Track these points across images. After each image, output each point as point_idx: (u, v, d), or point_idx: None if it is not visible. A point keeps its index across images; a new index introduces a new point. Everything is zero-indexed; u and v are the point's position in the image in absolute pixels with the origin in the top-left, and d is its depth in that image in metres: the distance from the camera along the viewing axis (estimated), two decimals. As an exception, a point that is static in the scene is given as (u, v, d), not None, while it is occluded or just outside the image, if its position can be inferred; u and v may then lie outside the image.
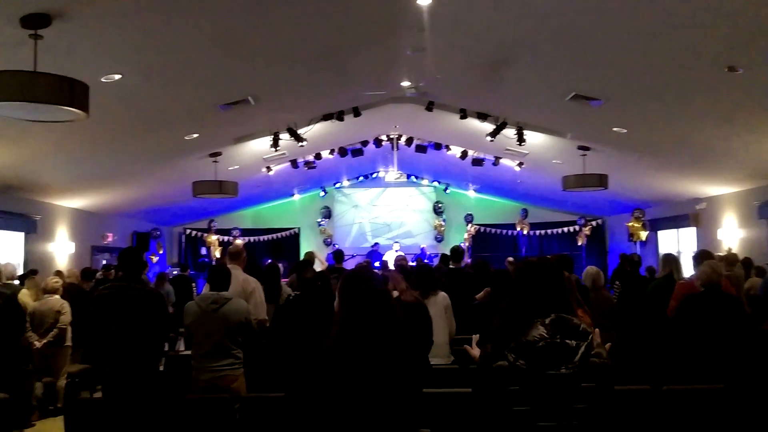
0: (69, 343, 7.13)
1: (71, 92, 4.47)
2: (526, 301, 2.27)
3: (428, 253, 16.74)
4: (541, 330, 2.17)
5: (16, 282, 7.77)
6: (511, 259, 12.72)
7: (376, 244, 17.32)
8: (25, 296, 7.35)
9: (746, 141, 8.37)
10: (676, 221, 13.51)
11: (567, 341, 2.16)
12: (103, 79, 5.99)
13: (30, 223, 10.12)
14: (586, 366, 2.13)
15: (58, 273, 8.13)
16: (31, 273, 8.05)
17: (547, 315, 2.21)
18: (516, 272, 2.46)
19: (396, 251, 15.45)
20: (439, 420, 3.56)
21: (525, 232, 17.27)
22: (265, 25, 5.88)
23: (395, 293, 4.57)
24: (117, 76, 6.07)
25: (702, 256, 5.75)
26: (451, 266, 7.96)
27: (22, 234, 10.09)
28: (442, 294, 5.38)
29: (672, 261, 6.44)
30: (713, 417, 3.33)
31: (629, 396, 3.50)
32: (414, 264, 9.54)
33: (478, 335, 2.67)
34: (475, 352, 2.55)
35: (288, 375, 3.72)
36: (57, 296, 7.12)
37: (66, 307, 7.07)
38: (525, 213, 17.23)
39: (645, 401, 3.48)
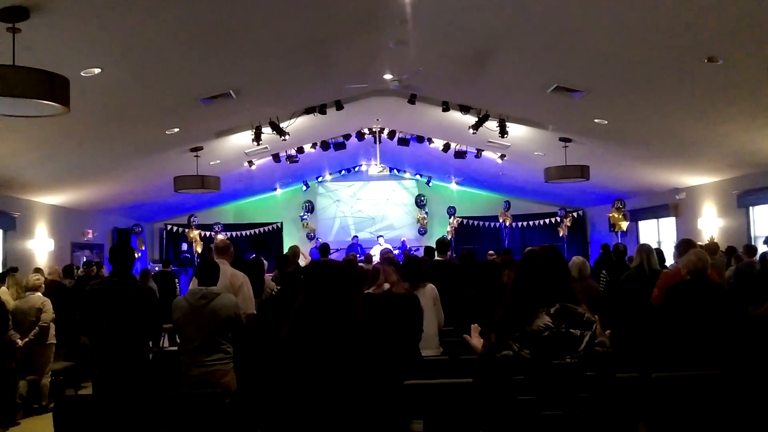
0: (52, 340, 7.04)
1: (51, 86, 4.41)
2: (531, 290, 2.27)
3: (409, 246, 16.76)
4: (546, 319, 2.17)
5: (-4, 281, 7.64)
6: (491, 252, 12.79)
7: (356, 237, 17.31)
8: (4, 294, 7.23)
9: (725, 131, 8.49)
10: (656, 211, 13.68)
11: (572, 330, 2.16)
12: (82, 73, 5.89)
13: (9, 220, 9.96)
14: (591, 355, 2.14)
15: (38, 270, 8.01)
16: (11, 270, 7.91)
17: (551, 304, 2.21)
18: (520, 262, 2.45)
19: (381, 245, 15.45)
20: (431, 411, 3.58)
21: (507, 223, 17.36)
22: (246, 18, 5.82)
23: (386, 285, 4.59)
24: (97, 70, 5.98)
25: (684, 245, 5.80)
26: (437, 258, 7.97)
27: (1, 231, 9.93)
28: (430, 286, 5.40)
29: (644, 251, 6.43)
30: (703, 403, 3.38)
31: (619, 384, 3.53)
32: (400, 256, 9.55)
33: (477, 325, 2.67)
34: (476, 342, 2.54)
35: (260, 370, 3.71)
36: (39, 294, 7.02)
37: (48, 304, 6.97)
38: (507, 205, 17.32)
39: (635, 389, 3.52)
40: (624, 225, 14.71)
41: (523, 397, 2.10)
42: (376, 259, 11.03)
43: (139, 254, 15.56)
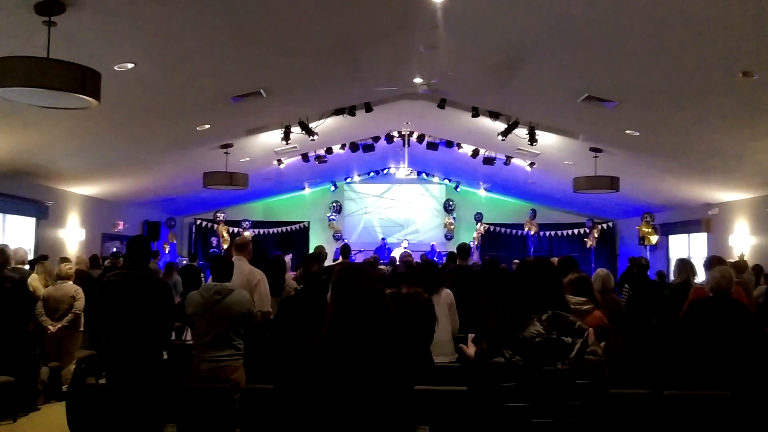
0: (82, 328, 7.21)
1: (83, 80, 4.48)
2: (524, 298, 2.28)
3: (438, 250, 16.73)
4: (537, 326, 2.18)
5: (26, 267, 7.83)
6: (517, 261, 12.70)
7: (384, 239, 17.32)
8: (34, 281, 7.41)
9: (760, 147, 8.29)
10: (687, 226, 13.42)
11: (563, 338, 2.17)
12: (116, 68, 6.01)
13: (42, 209, 10.19)
14: (582, 363, 2.14)
15: (65, 259, 8.18)
16: (41, 258, 8.10)
17: (543, 311, 2.22)
18: (514, 271, 2.46)
19: (404, 248, 15.43)
20: (440, 417, 3.56)
21: (533, 232, 17.19)
22: (278, 18, 5.88)
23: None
24: (130, 65, 6.09)
25: (713, 262, 5.70)
26: (458, 263, 7.94)
27: (34, 219, 10.16)
28: (446, 291, 5.37)
29: (689, 266, 6.42)
30: (714, 423, 3.31)
31: (630, 399, 3.48)
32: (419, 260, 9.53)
33: (473, 334, 2.68)
34: (470, 350, 2.55)
35: (281, 368, 3.72)
36: (71, 282, 7.19)
37: (80, 292, 7.15)
38: (534, 213, 17.16)
39: (645, 405, 3.46)
40: (654, 239, 14.46)
41: (515, 403, 2.10)
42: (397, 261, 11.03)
43: (169, 248, 15.80)
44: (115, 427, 3.59)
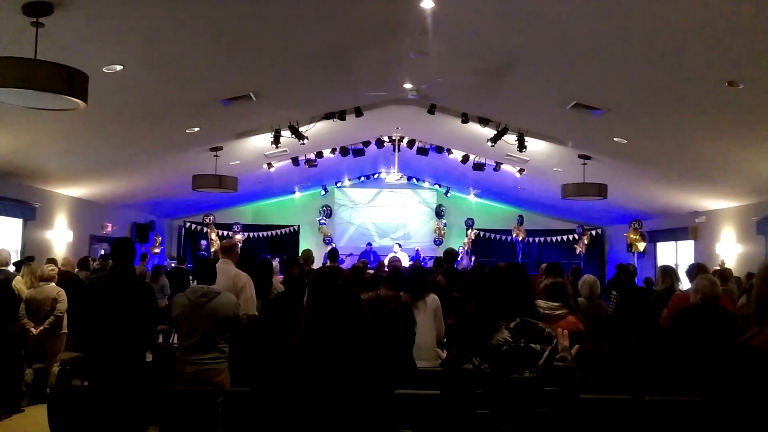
0: (65, 330, 7.16)
1: (70, 81, 4.47)
2: (492, 304, 2.28)
3: (423, 255, 16.73)
4: (505, 334, 2.18)
5: (11, 268, 7.78)
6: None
7: (369, 243, 17.32)
8: (19, 283, 7.36)
9: (746, 156, 8.37)
10: (674, 234, 13.52)
11: (531, 345, 2.17)
12: (104, 69, 6.00)
13: (29, 210, 10.14)
14: (551, 370, 2.14)
15: (52, 260, 8.14)
16: (27, 260, 8.05)
17: (512, 319, 2.22)
18: (484, 277, 2.47)
19: (395, 252, 15.45)
20: (421, 422, 3.56)
21: (521, 238, 17.23)
22: (268, 22, 5.89)
23: (381, 292, 4.57)
24: (119, 67, 6.08)
25: (696, 270, 5.73)
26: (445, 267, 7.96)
27: (21, 221, 10.11)
28: (433, 296, 5.38)
29: (672, 272, 6.46)
30: (694, 429, 3.33)
31: (611, 405, 3.50)
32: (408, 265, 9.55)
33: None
34: (444, 355, 2.56)
35: (260, 370, 3.72)
36: (53, 284, 7.13)
37: (63, 294, 7.09)
38: (521, 219, 17.18)
39: (626, 411, 3.48)
40: (641, 246, 14.54)
41: (482, 410, 2.10)
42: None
43: (159, 250, 15.73)
44: (97, 429, 3.58)
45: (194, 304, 4.40)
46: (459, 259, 14.70)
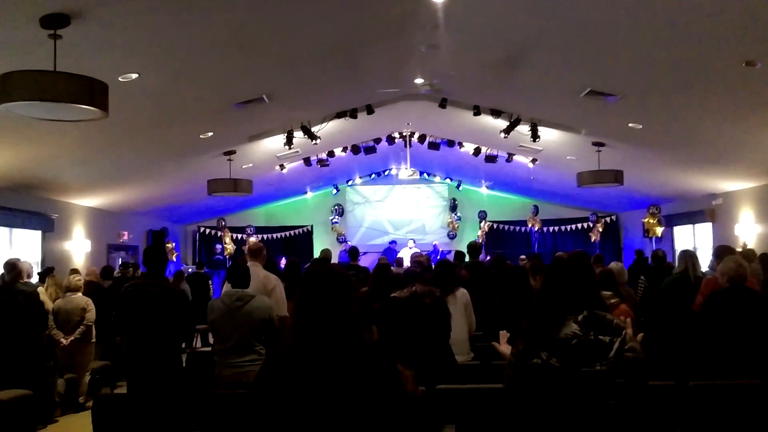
0: (94, 339, 7.21)
1: (91, 91, 4.49)
2: (558, 298, 2.24)
3: (440, 249, 16.72)
4: (574, 327, 2.13)
5: (33, 280, 7.83)
6: (523, 257, 12.71)
7: (393, 241, 17.29)
8: (42, 294, 7.42)
9: (763, 136, 8.30)
10: (691, 217, 13.42)
11: (600, 337, 2.12)
12: (120, 78, 6.02)
13: (47, 222, 10.19)
14: (621, 361, 2.10)
15: (76, 271, 8.18)
16: (49, 271, 8.11)
17: (579, 312, 2.18)
18: (547, 269, 2.42)
19: (410, 248, 15.42)
20: (463, 416, 3.57)
21: (536, 228, 17.20)
22: (279, 24, 5.89)
23: (416, 288, 4.58)
24: (134, 75, 6.10)
25: (723, 252, 5.69)
26: (470, 261, 7.96)
27: (40, 232, 10.16)
28: (462, 290, 5.38)
29: (689, 257, 6.39)
30: (741, 413, 3.31)
31: (656, 392, 3.48)
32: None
33: (505, 332, 2.65)
34: (504, 349, 2.52)
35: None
36: (80, 294, 7.18)
37: (91, 304, 7.15)
38: (536, 209, 17.16)
39: (672, 397, 3.47)
40: (659, 231, 14.45)
41: (552, 405, 2.07)
42: (406, 262, 11.03)
43: (176, 255, 15.79)
44: (139, 437, 3.60)
45: (230, 308, 4.42)
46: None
